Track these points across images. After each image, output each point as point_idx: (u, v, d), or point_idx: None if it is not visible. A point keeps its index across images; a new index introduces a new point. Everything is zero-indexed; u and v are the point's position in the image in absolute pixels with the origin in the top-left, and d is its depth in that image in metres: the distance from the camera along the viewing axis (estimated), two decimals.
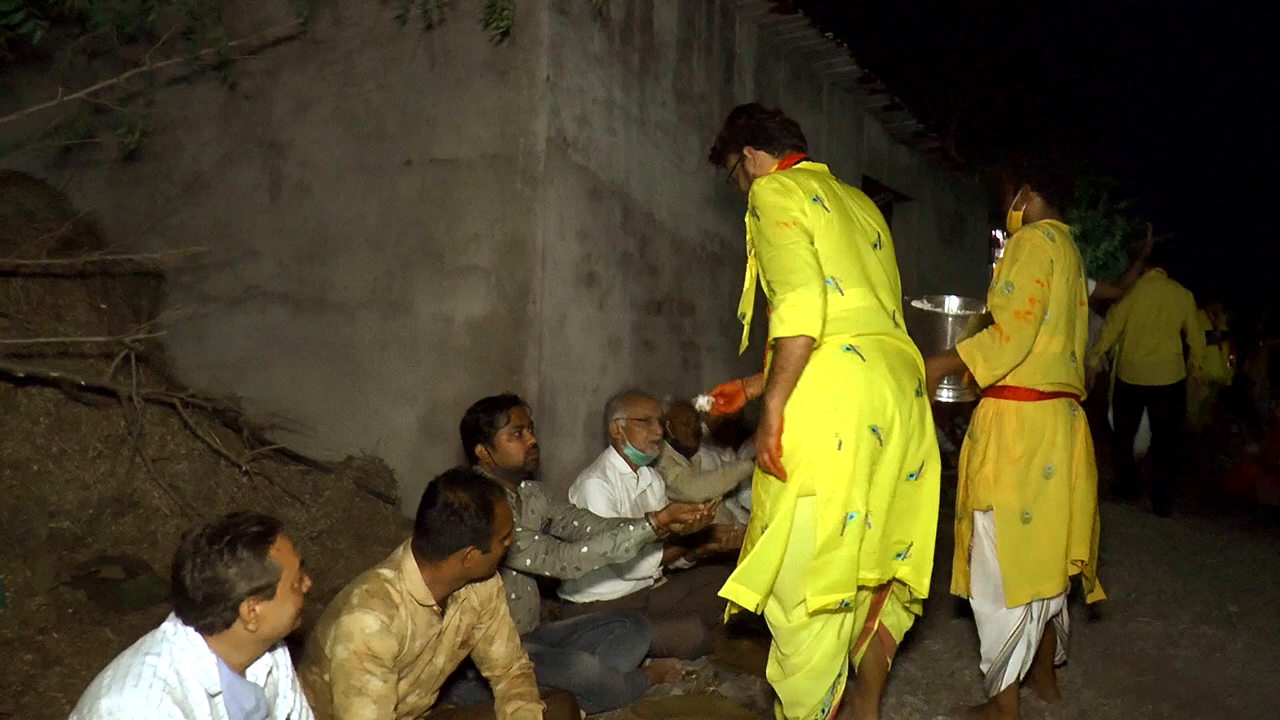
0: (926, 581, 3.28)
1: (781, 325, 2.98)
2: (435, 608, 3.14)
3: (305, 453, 5.66)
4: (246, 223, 6.15)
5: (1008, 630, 3.83)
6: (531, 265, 5.40)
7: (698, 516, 3.74)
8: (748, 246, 3.36)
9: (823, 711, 3.23)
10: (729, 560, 5.00)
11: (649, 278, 6.41)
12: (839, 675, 3.22)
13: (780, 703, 3.33)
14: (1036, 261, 3.79)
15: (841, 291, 3.12)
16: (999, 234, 17.20)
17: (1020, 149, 16.80)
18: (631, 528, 3.79)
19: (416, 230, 5.67)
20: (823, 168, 3.41)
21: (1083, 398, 4.04)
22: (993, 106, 15.80)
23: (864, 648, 3.52)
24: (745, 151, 3.50)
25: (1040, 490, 3.79)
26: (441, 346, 5.62)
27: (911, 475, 3.22)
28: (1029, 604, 3.81)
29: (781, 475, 3.04)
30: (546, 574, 3.86)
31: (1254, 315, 14.44)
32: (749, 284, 3.48)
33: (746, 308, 3.50)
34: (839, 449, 3.02)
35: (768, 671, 3.33)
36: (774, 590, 3.14)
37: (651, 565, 4.72)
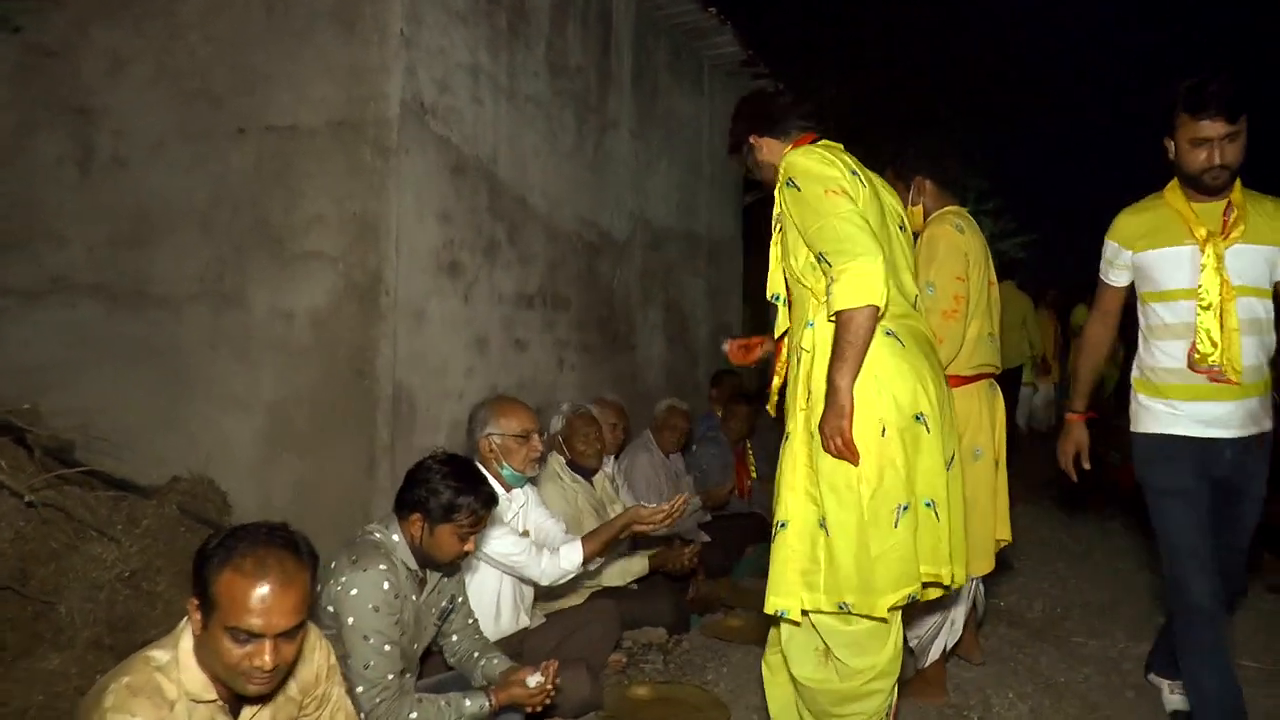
0: (961, 571, 3.06)
1: (844, 297, 2.84)
2: (220, 703, 2.30)
3: (121, 474, 4.82)
4: (51, 202, 5.26)
5: (935, 608, 3.91)
6: (384, 251, 4.68)
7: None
8: (773, 223, 3.19)
9: (886, 715, 3.12)
10: (619, 592, 4.45)
11: (520, 268, 5.73)
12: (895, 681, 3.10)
13: (818, 709, 3.14)
14: (953, 258, 3.87)
15: None
16: None
17: (896, 146, 16.65)
18: (467, 702, 3.16)
19: (251, 210, 4.89)
20: (839, 146, 3.20)
21: (997, 373, 4.15)
22: (870, 101, 15.55)
23: None
24: (752, 140, 3.33)
25: (970, 472, 3.78)
26: (281, 346, 4.85)
27: (948, 464, 3.04)
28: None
29: (855, 458, 2.87)
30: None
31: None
32: (774, 264, 3.24)
33: (778, 287, 3.24)
34: (883, 436, 2.90)
35: (808, 674, 3.13)
36: (831, 590, 2.95)
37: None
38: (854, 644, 3.02)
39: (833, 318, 2.89)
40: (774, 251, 3.23)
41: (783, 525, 3.05)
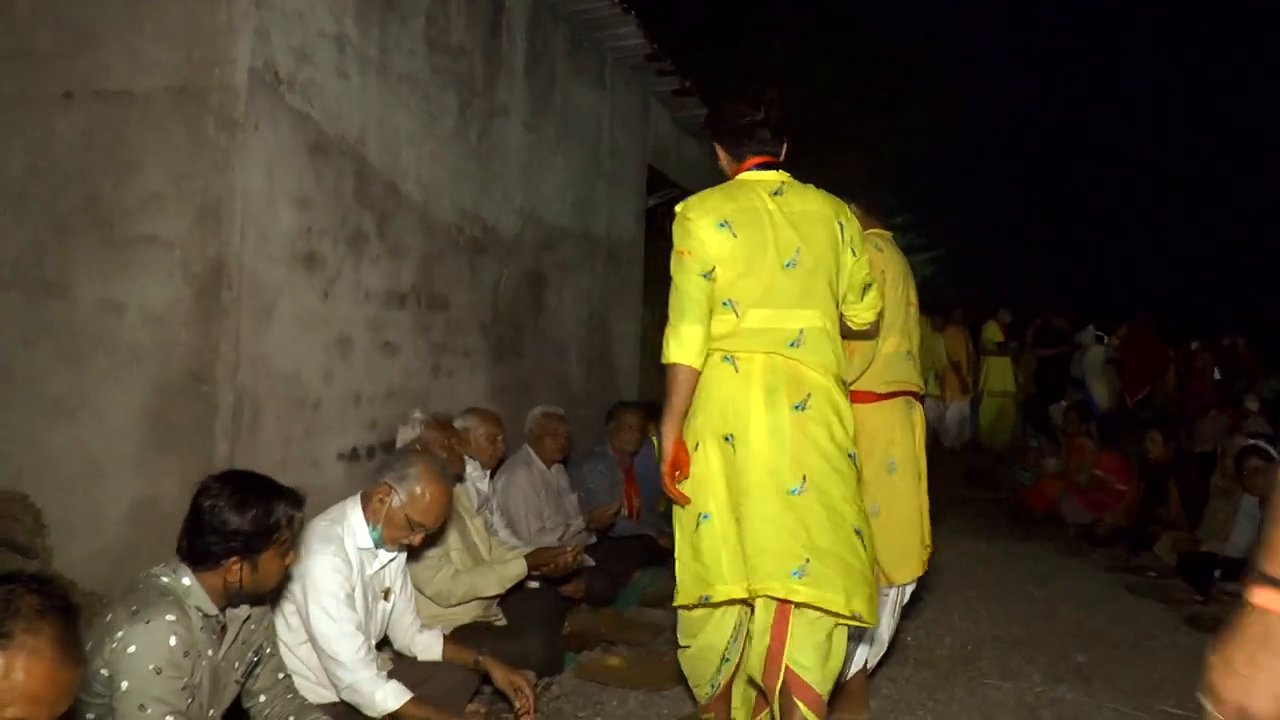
0: (841, 599, 3.13)
1: (666, 353, 3.28)
2: None
3: None
4: None
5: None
6: (227, 237, 4.10)
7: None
8: None
9: (711, 687, 3.53)
10: (479, 628, 4.00)
11: (390, 262, 5.18)
12: (723, 661, 3.48)
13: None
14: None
15: (738, 315, 3.27)
16: None
17: (808, 155, 16.42)
18: None
19: (77, 186, 4.27)
20: (771, 176, 3.39)
21: (920, 392, 4.28)
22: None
23: (776, 686, 3.23)
24: (715, 145, 3.56)
25: (887, 484, 4.01)
26: (109, 344, 4.23)
27: (794, 490, 3.18)
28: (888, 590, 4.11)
29: (682, 500, 3.32)
30: None
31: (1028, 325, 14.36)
32: None
33: None
34: (695, 450, 3.29)
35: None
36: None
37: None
38: (682, 625, 3.56)
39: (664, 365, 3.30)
40: None
41: None
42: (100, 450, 4.23)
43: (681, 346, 3.22)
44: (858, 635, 3.82)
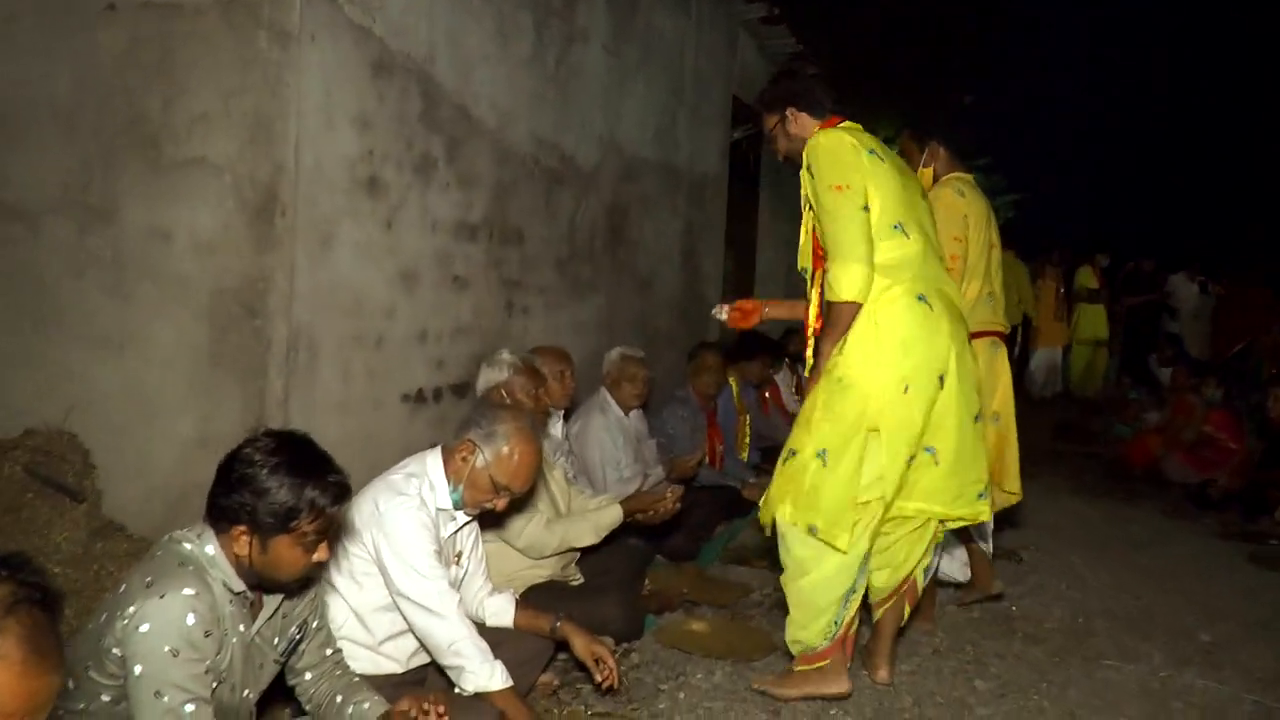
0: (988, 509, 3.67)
1: (832, 290, 3.38)
2: None
3: None
4: None
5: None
6: (281, 160, 3.78)
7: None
8: (803, 202, 3.60)
9: (835, 625, 3.54)
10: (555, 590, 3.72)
11: (460, 192, 4.82)
12: (851, 598, 3.55)
13: (794, 622, 3.63)
14: (952, 220, 4.17)
15: (907, 235, 3.43)
16: None
17: (890, 95, 15.79)
18: None
19: (124, 105, 3.95)
20: (859, 128, 3.58)
21: (1004, 332, 4.45)
22: (867, 41, 14.61)
23: (889, 602, 3.72)
24: (788, 113, 3.66)
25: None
26: (158, 274, 3.93)
27: (977, 418, 3.58)
28: None
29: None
30: None
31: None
32: (804, 238, 3.67)
33: (806, 261, 3.69)
34: (905, 393, 3.36)
35: (783, 579, 3.65)
36: (806, 510, 3.45)
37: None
38: (806, 553, 3.51)
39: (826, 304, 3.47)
40: (805, 227, 3.65)
41: (793, 453, 3.53)
42: (150, 388, 3.95)
43: (854, 285, 3.33)
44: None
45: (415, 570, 2.96)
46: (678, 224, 7.86)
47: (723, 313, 4.05)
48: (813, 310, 3.64)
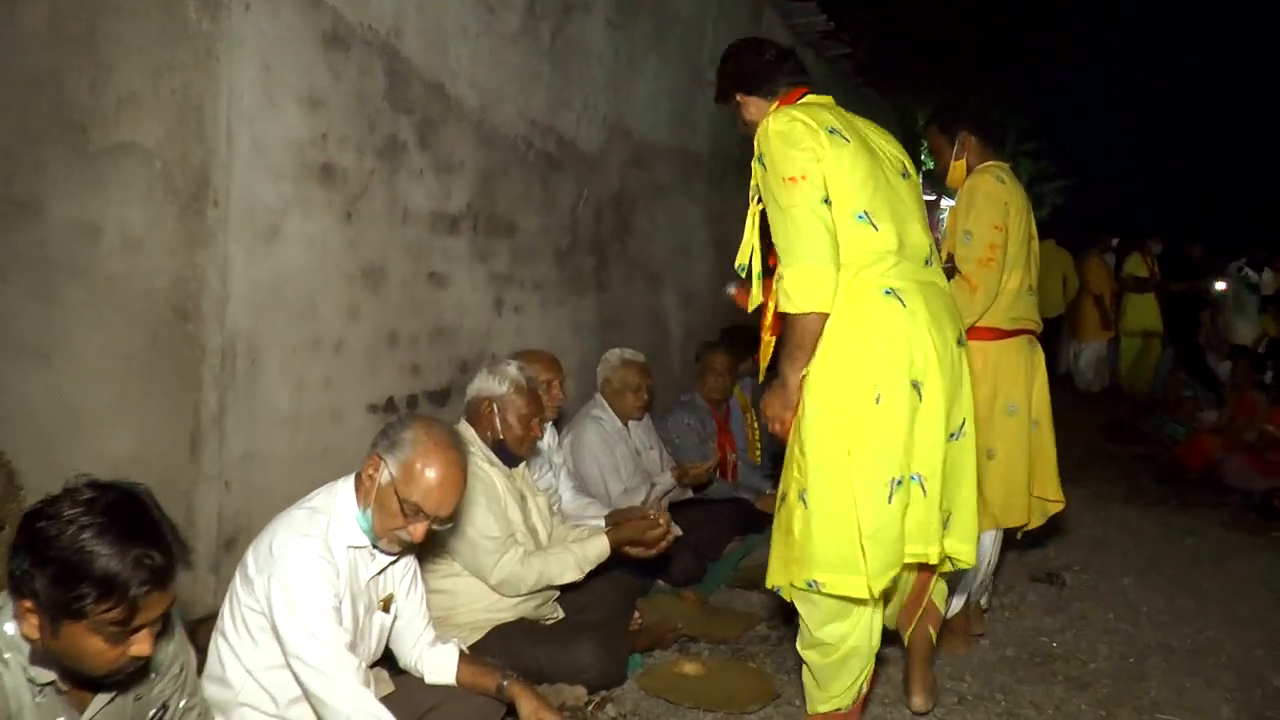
0: (973, 550, 3.12)
1: (788, 301, 2.87)
2: None
3: None
4: None
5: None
6: (213, 144, 3.36)
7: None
8: (751, 193, 3.14)
9: (859, 691, 3.12)
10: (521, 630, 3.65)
11: (437, 179, 4.38)
12: (872, 655, 3.08)
13: (814, 684, 3.16)
14: (992, 207, 3.92)
15: (875, 226, 2.94)
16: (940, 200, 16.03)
17: (930, 76, 15.23)
18: None
19: (49, 86, 3.54)
20: (829, 99, 3.19)
21: (1039, 330, 4.18)
22: (905, 20, 14.05)
23: (913, 625, 3.31)
24: (738, 98, 3.30)
25: (1003, 428, 3.94)
26: (85, 274, 3.53)
27: (953, 435, 3.02)
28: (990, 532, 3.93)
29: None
30: None
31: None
32: (748, 232, 3.19)
33: (745, 258, 3.23)
34: (877, 404, 2.85)
35: (801, 649, 3.14)
36: (803, 564, 2.94)
37: None
38: (823, 618, 2.99)
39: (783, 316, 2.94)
40: (750, 222, 3.16)
41: (783, 499, 3.07)
42: (77, 400, 3.56)
43: (808, 292, 2.84)
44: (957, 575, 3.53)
45: (307, 629, 2.50)
46: (696, 212, 7.37)
47: (732, 288, 3.72)
48: (751, 306, 3.28)
